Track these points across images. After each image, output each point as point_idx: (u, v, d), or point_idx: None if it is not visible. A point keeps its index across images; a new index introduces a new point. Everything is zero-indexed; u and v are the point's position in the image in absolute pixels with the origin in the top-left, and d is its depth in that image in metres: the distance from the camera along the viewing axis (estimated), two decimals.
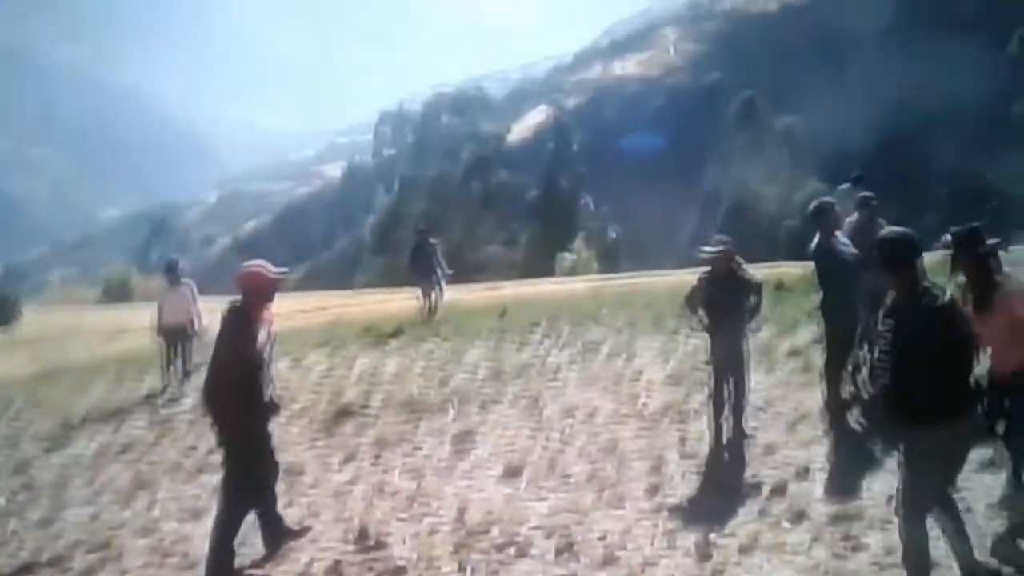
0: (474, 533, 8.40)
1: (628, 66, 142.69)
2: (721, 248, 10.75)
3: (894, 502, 6.41)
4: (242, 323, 8.19)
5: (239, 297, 8.34)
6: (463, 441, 11.14)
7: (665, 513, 8.35)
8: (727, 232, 17.15)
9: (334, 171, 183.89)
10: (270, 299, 8.47)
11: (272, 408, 8.43)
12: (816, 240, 10.59)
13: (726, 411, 10.30)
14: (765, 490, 8.52)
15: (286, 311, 19.40)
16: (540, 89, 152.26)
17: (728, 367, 10.37)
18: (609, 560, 7.52)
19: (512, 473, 9.82)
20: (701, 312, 10.56)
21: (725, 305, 10.31)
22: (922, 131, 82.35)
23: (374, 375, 14.89)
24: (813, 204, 11.09)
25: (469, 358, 15.51)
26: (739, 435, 10.13)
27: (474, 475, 10.00)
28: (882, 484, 8.18)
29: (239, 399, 8.04)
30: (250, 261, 8.71)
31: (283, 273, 8.78)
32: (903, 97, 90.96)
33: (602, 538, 7.97)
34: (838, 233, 10.69)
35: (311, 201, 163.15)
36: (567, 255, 71.04)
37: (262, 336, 8.21)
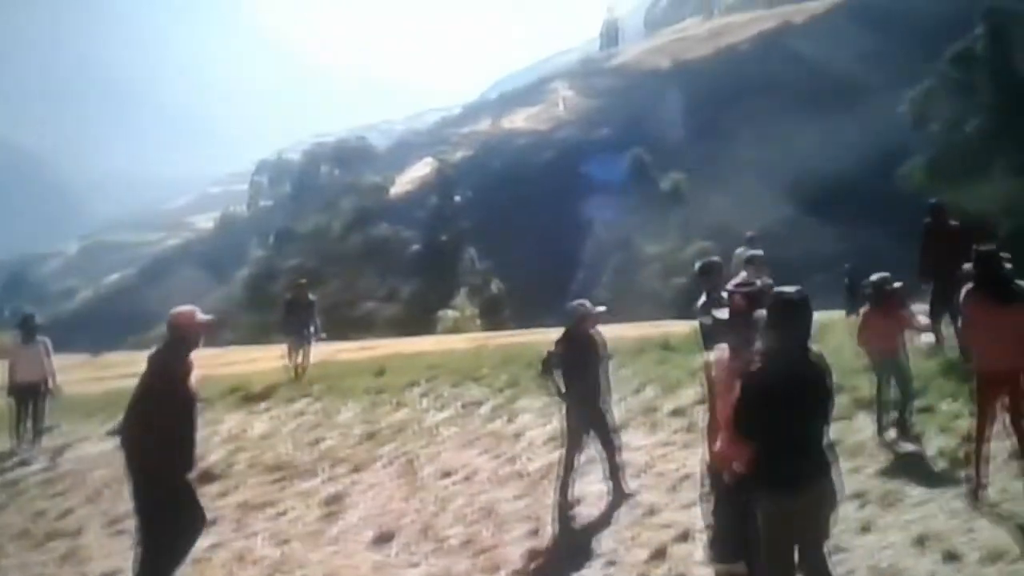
0: None
1: (517, 120, 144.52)
2: (602, 309, 10.98)
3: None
4: (178, 364, 8.10)
5: (169, 340, 8.25)
6: (332, 504, 11.02)
7: None
8: (615, 290, 17.43)
9: (206, 222, 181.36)
10: (198, 344, 8.39)
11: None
12: (702, 299, 10.84)
13: (573, 476, 10.44)
14: (645, 553, 8.59)
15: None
16: (426, 141, 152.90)
17: (590, 430, 10.50)
18: None
19: (383, 538, 9.76)
20: (557, 376, 10.60)
21: (582, 368, 10.39)
22: (808, 193, 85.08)
23: (240, 437, 14.66)
24: (700, 262, 11.40)
25: (342, 418, 15.44)
26: (619, 496, 10.22)
27: (343, 540, 9.91)
28: None
29: (169, 446, 7.89)
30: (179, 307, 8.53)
31: (211, 320, 8.71)
32: (792, 156, 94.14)
33: None
34: (724, 293, 10.92)
35: (180, 253, 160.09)
36: (449, 311, 71.08)
37: (193, 380, 8.16)
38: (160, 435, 7.88)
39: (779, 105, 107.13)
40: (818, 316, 6.72)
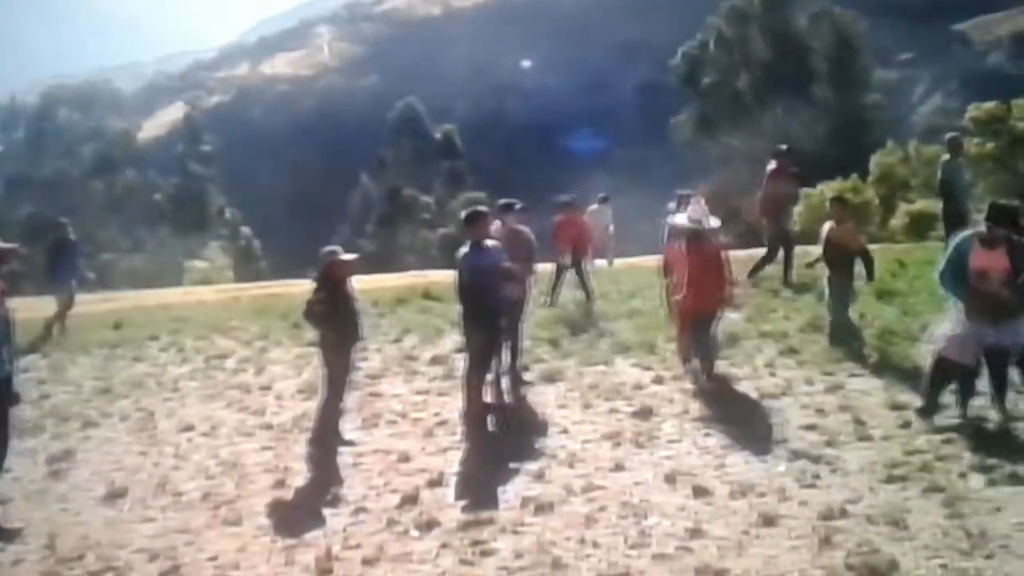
0: (65, 560, 7.94)
1: (278, 65, 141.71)
2: (356, 255, 10.95)
3: None
4: None
5: None
6: (60, 462, 10.54)
7: (286, 528, 8.23)
8: (378, 240, 17.43)
9: None
10: None
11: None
12: (464, 249, 10.91)
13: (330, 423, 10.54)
14: (396, 499, 8.60)
15: None
16: (178, 85, 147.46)
17: (345, 377, 10.60)
18: None
19: (116, 494, 9.40)
20: (318, 323, 10.53)
21: (340, 315, 10.35)
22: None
23: None
24: (466, 212, 11.45)
25: (72, 374, 14.80)
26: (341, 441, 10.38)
27: (71, 498, 9.47)
28: (515, 488, 8.54)
29: None
30: None
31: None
32: (562, 109, 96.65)
33: (213, 558, 7.77)
34: (488, 242, 11.05)
35: None
36: (198, 262, 69.05)
37: None
38: None
39: (553, 55, 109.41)
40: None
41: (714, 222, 11.88)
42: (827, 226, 12.79)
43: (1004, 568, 6.45)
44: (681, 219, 12.24)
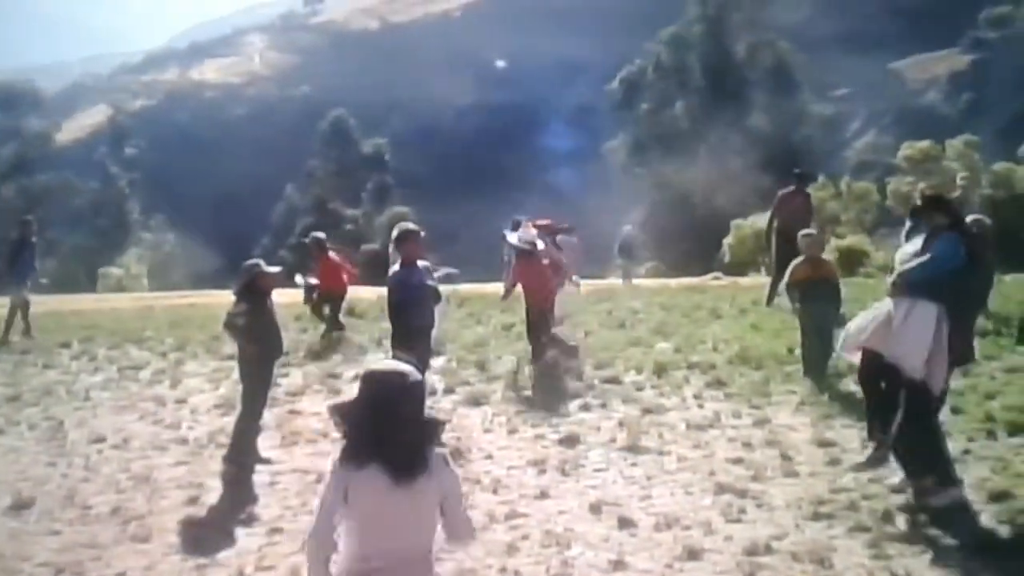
0: None
1: (208, 71, 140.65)
2: (279, 268, 10.88)
3: None
4: None
5: None
6: None
7: (198, 547, 8.10)
8: (302, 253, 17.42)
9: None
10: None
11: None
12: (395, 268, 10.88)
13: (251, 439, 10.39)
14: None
15: None
16: (104, 87, 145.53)
17: (264, 393, 10.50)
18: None
19: (21, 505, 9.17)
20: (240, 340, 10.40)
21: (261, 327, 10.24)
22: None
23: None
24: (398, 229, 11.39)
25: None
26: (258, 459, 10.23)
27: None
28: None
29: None
30: None
31: None
32: (496, 126, 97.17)
33: (120, 575, 7.60)
34: (420, 262, 11.04)
35: None
36: (113, 269, 67.98)
37: None
38: None
39: (490, 74, 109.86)
40: None
41: (540, 245, 14.41)
42: (795, 264, 12.87)
43: None
44: (514, 239, 14.64)
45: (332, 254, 17.42)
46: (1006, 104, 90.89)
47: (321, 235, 18.07)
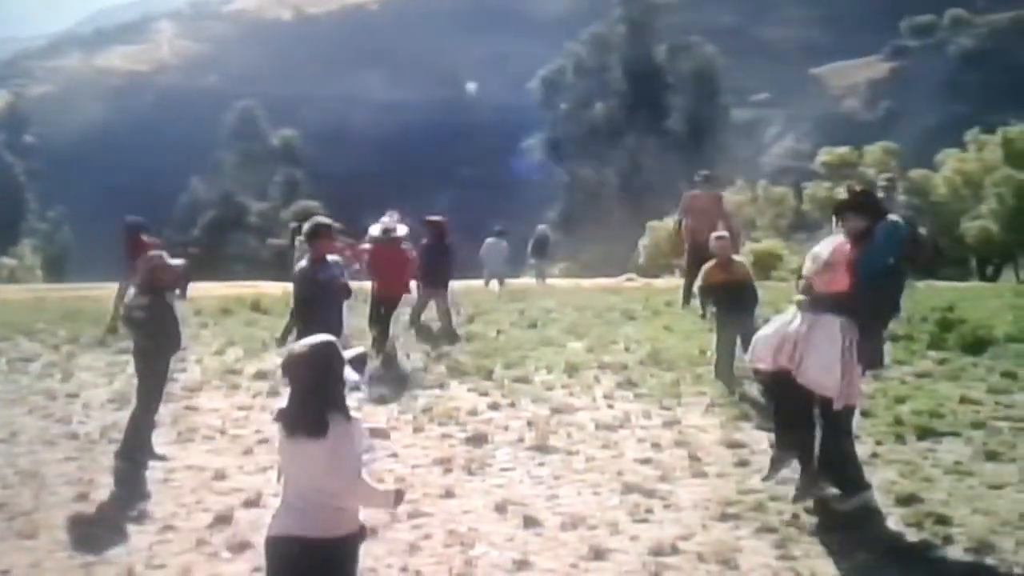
0: None
1: (113, 58, 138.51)
2: (182, 261, 10.76)
3: None
4: None
5: None
6: None
7: (86, 544, 7.94)
8: (205, 246, 17.24)
9: None
10: None
11: None
12: (303, 263, 10.80)
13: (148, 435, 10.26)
14: (208, 518, 8.38)
15: None
16: (2, 72, 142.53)
17: (160, 388, 10.37)
18: None
19: None
20: (137, 333, 10.24)
21: (161, 322, 10.09)
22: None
23: None
24: (309, 224, 11.29)
25: None
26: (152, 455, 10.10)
27: None
28: None
29: None
30: None
31: None
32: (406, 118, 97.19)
33: (5, 572, 7.46)
34: (330, 257, 10.96)
35: None
36: (6, 260, 66.60)
37: None
38: None
39: (405, 68, 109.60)
40: None
41: (401, 230, 15.74)
42: (707, 268, 12.90)
43: None
44: (376, 229, 15.80)
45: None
46: (925, 112, 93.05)
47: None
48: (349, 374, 5.10)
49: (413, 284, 16.41)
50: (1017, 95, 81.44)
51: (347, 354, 5.23)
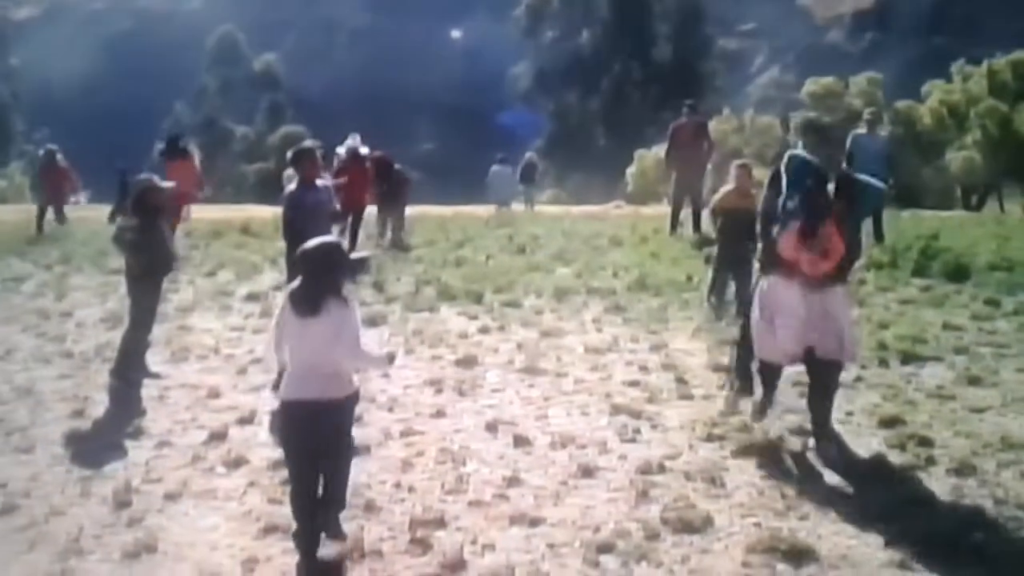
0: None
1: None
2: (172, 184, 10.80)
3: None
4: None
5: None
6: None
7: (83, 459, 8.01)
8: (187, 171, 17.26)
9: None
10: None
11: None
12: (291, 186, 10.80)
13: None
14: (203, 435, 8.45)
15: None
16: None
17: (152, 308, 10.45)
18: (8, 509, 7.07)
19: None
20: (128, 255, 10.26)
21: (152, 242, 10.11)
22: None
23: None
24: (294, 149, 11.26)
25: None
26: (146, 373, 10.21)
27: None
28: None
29: None
30: None
31: None
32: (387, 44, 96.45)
33: (2, 485, 7.49)
34: (319, 181, 10.95)
35: None
36: None
37: None
38: None
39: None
40: None
41: (364, 151, 18.40)
42: (725, 192, 12.87)
43: (817, 530, 6.71)
44: (342, 149, 18.24)
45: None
46: (909, 44, 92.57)
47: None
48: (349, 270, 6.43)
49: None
50: (1001, 28, 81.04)
51: (353, 255, 6.72)
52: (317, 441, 6.15)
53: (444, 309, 12.89)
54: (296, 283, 6.29)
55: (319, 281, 6.17)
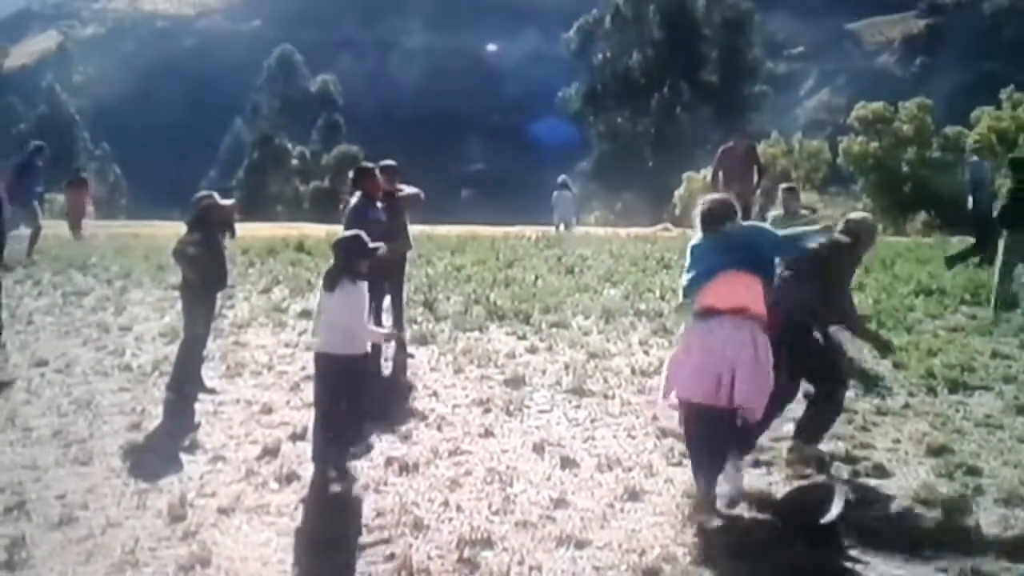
0: None
1: (159, 1, 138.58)
2: (233, 201, 10.93)
3: None
4: None
5: None
6: None
7: (139, 472, 8.08)
8: (248, 188, 17.35)
9: None
10: None
11: None
12: (352, 204, 10.89)
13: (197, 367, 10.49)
14: (256, 450, 8.50)
15: None
16: (52, 13, 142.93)
17: (208, 323, 10.59)
18: (66, 520, 7.14)
19: None
20: (187, 269, 10.36)
21: (210, 259, 10.21)
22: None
23: None
24: (353, 170, 11.38)
25: None
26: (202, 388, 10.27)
27: None
28: (381, 447, 8.53)
29: None
30: None
31: None
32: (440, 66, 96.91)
33: (61, 497, 7.57)
34: (379, 204, 11.04)
35: None
36: (58, 196, 66.89)
37: None
38: None
39: (441, 17, 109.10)
40: None
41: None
42: (771, 216, 12.89)
43: (863, 558, 6.62)
44: None
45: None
46: (959, 69, 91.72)
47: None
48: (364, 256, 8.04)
49: None
50: None
51: (372, 245, 8.13)
52: (334, 384, 7.99)
53: (493, 329, 12.87)
54: (329, 265, 8.22)
55: (337, 265, 8.06)
